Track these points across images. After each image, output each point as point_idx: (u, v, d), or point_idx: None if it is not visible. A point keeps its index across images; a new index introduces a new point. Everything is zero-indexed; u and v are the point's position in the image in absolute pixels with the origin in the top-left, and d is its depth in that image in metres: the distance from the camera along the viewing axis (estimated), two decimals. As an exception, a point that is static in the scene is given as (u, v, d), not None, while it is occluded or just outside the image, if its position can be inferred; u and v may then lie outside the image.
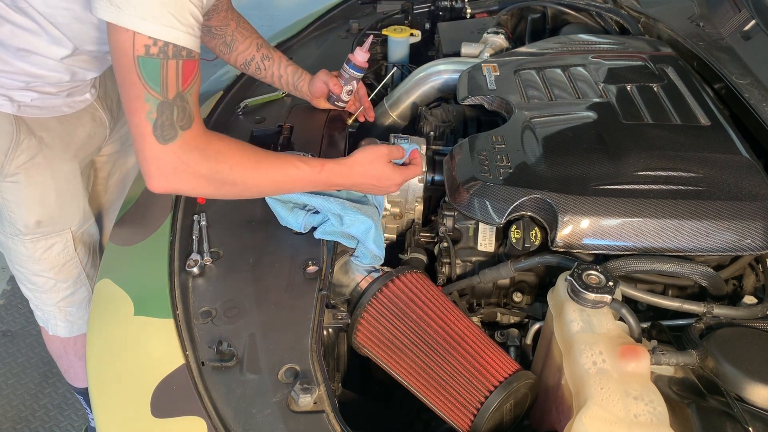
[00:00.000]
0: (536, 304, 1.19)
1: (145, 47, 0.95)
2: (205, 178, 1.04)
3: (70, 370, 1.73)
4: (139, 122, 0.99)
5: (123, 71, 0.98)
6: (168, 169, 1.01)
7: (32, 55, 1.20)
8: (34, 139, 1.31)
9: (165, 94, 0.98)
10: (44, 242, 1.43)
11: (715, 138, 1.19)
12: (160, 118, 0.98)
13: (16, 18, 1.15)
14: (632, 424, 0.81)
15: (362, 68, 1.42)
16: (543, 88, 1.38)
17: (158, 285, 1.09)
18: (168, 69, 0.97)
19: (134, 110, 0.99)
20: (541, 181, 1.12)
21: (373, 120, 1.57)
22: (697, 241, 1.05)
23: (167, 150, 1.00)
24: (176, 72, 0.98)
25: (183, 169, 1.01)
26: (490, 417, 0.94)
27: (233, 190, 1.08)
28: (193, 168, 1.02)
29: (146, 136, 0.99)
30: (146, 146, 1.00)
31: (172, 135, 0.99)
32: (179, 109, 1.00)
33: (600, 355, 0.87)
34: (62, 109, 1.34)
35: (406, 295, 1.07)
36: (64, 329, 1.59)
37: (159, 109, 0.98)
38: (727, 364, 0.90)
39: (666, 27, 1.68)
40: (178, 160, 1.00)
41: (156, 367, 0.97)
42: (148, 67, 0.96)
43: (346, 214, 1.14)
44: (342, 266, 1.17)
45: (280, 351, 0.97)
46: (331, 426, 0.88)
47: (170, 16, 0.95)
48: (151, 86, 0.97)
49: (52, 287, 1.51)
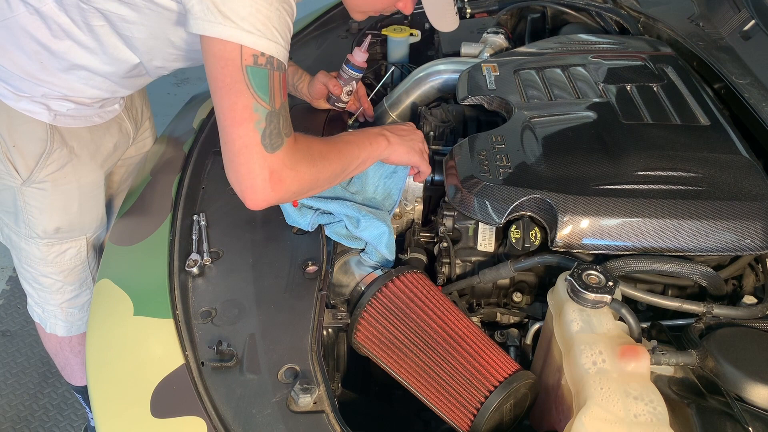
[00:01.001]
0: (536, 304, 1.19)
1: (253, 57, 0.95)
2: (307, 177, 1.05)
3: (66, 367, 1.73)
4: (244, 133, 0.97)
5: (227, 82, 0.97)
6: (276, 177, 1.00)
7: (81, 70, 1.21)
8: (65, 149, 1.32)
9: (273, 103, 0.98)
10: (59, 247, 1.44)
11: (715, 138, 1.19)
12: (269, 128, 0.98)
13: (78, 35, 1.15)
14: (632, 424, 0.81)
15: (361, 68, 1.42)
16: (543, 88, 1.38)
17: (158, 285, 1.09)
18: (274, 80, 0.98)
19: (239, 121, 0.97)
20: (541, 181, 1.12)
21: (373, 120, 1.57)
22: (697, 241, 1.05)
23: (275, 158, 0.99)
24: (279, 84, 0.99)
25: (288, 175, 1.01)
26: (490, 417, 0.94)
27: (327, 178, 1.10)
28: (296, 170, 1.02)
29: (253, 146, 0.98)
30: (252, 157, 0.98)
31: (278, 143, 0.99)
32: (284, 119, 1.01)
33: (600, 355, 0.87)
34: (93, 119, 1.35)
35: (405, 295, 1.07)
36: (62, 329, 1.60)
37: (268, 118, 0.98)
38: (727, 364, 0.90)
39: (666, 27, 1.68)
40: (285, 166, 1.00)
41: (156, 367, 0.97)
42: (257, 76, 0.96)
43: (363, 217, 1.15)
44: (342, 266, 1.17)
45: (279, 351, 0.97)
46: (330, 426, 0.88)
47: (275, 31, 0.96)
48: (260, 96, 0.97)
49: (59, 289, 1.51)
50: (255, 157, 0.98)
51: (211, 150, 1.40)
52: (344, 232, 1.17)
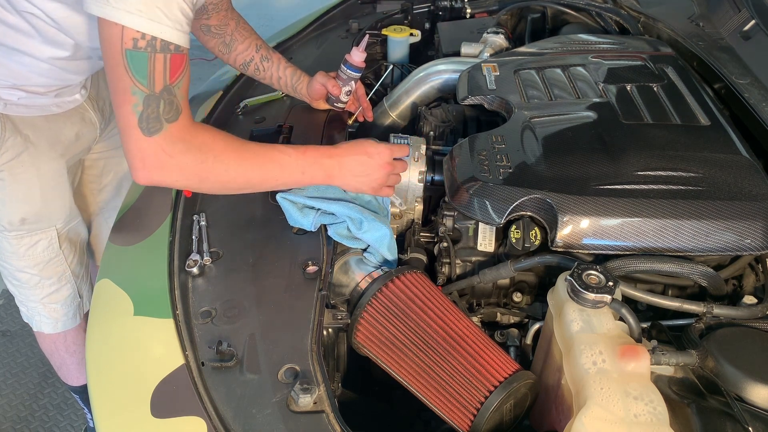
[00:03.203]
0: (536, 304, 1.19)
1: (133, 40, 0.95)
2: (190, 170, 1.03)
3: (62, 367, 1.73)
4: (125, 114, 0.99)
5: (111, 64, 0.98)
6: (152, 161, 1.01)
7: (22, 56, 1.20)
8: (19, 137, 1.31)
9: (152, 87, 0.98)
10: (29, 239, 1.43)
11: (715, 138, 1.19)
12: (146, 111, 0.98)
13: (10, 19, 1.15)
14: (632, 424, 0.81)
15: (359, 68, 1.42)
16: (543, 88, 1.38)
17: (158, 285, 1.09)
18: (155, 62, 0.98)
19: (121, 103, 0.99)
20: (541, 181, 1.12)
21: (372, 120, 1.57)
22: (697, 241, 1.05)
23: (152, 142, 1.00)
24: (164, 66, 0.98)
25: (167, 161, 1.01)
26: (490, 417, 0.94)
27: (219, 180, 1.07)
28: (177, 159, 1.02)
29: (132, 128, 0.99)
30: (131, 138, 1.00)
31: (157, 127, 0.99)
32: (166, 102, 1.00)
33: (600, 355, 0.87)
34: (50, 109, 1.34)
35: (405, 295, 1.07)
36: (48, 325, 1.60)
37: (145, 101, 0.98)
38: (727, 364, 0.90)
39: (666, 27, 1.68)
40: (162, 152, 1.00)
41: (156, 367, 0.97)
42: (135, 60, 0.96)
43: (365, 220, 1.15)
44: (342, 266, 1.17)
45: (280, 351, 0.97)
46: (330, 426, 0.88)
47: (158, 10, 0.95)
48: (138, 79, 0.97)
49: (37, 284, 1.51)
50: (132, 138, 1.00)
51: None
52: (346, 233, 1.17)
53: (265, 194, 1.26)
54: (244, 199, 1.26)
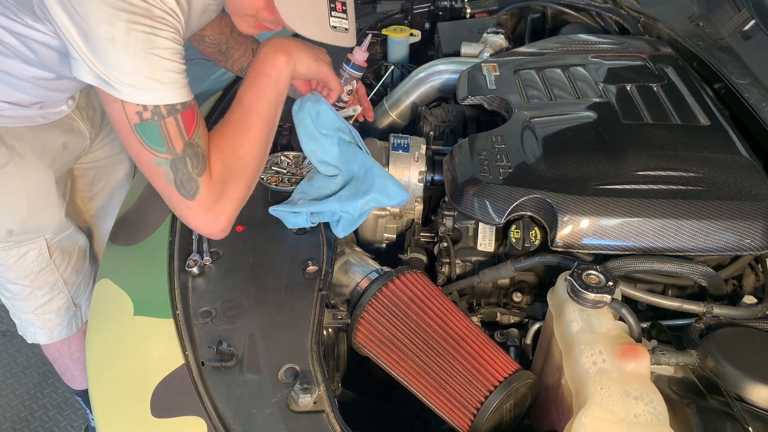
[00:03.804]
0: (536, 304, 1.19)
1: (137, 114, 0.94)
2: (238, 191, 1.06)
3: (66, 372, 1.72)
4: (162, 187, 1.00)
5: (126, 140, 0.97)
6: (211, 218, 1.03)
7: (1, 74, 1.18)
8: (4, 147, 1.28)
9: (173, 150, 0.97)
10: (17, 250, 1.40)
11: (715, 138, 1.19)
12: (178, 176, 0.98)
13: None
14: (632, 424, 0.81)
15: (362, 67, 1.42)
16: (543, 88, 1.38)
17: (158, 285, 1.09)
18: (168, 127, 0.96)
19: (153, 176, 1.00)
20: (541, 181, 1.12)
21: (372, 120, 1.57)
22: (697, 241, 1.05)
23: (198, 204, 1.01)
24: (177, 126, 0.97)
25: (218, 206, 1.03)
26: (490, 417, 0.94)
27: (256, 165, 1.09)
28: (224, 198, 1.03)
29: (176, 201, 1.00)
30: (181, 208, 1.02)
31: (194, 187, 1.00)
32: (192, 157, 0.99)
33: (600, 355, 0.87)
34: (36, 120, 1.31)
35: (405, 295, 1.07)
36: (43, 336, 1.57)
37: (173, 167, 0.97)
38: (727, 363, 0.90)
39: (666, 27, 1.68)
40: (211, 204, 1.02)
41: (156, 367, 0.97)
42: (147, 132, 0.95)
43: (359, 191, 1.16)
44: (342, 266, 1.17)
45: (280, 351, 0.97)
46: (330, 426, 0.88)
47: (149, 80, 0.93)
48: (156, 150, 0.96)
49: (29, 295, 1.48)
50: (183, 209, 1.02)
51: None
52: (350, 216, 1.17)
53: (265, 194, 1.26)
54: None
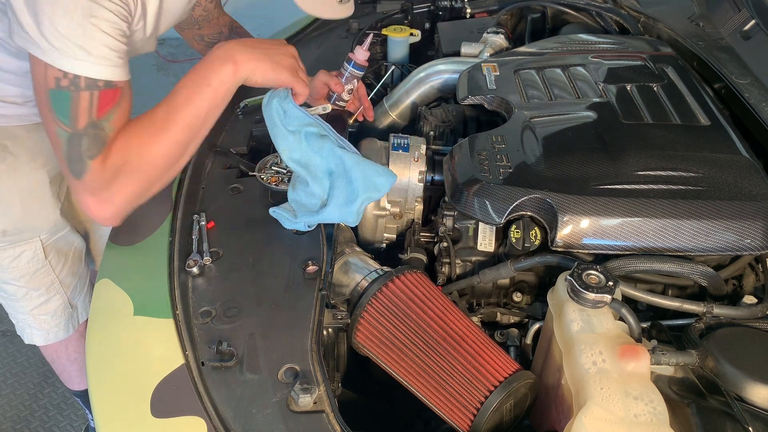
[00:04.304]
0: (536, 304, 1.19)
1: (55, 80, 0.92)
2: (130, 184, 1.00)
3: (63, 372, 1.72)
4: (59, 157, 0.95)
5: (39, 103, 0.94)
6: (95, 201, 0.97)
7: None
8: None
9: (74, 125, 0.94)
10: (11, 251, 1.39)
11: (715, 138, 1.19)
12: (69, 152, 0.94)
13: None
14: (632, 424, 0.81)
15: (363, 67, 1.42)
16: (543, 87, 1.38)
17: (158, 285, 1.09)
18: (80, 100, 0.93)
19: (53, 144, 0.95)
20: (541, 181, 1.12)
21: (372, 120, 1.57)
22: (697, 241, 1.05)
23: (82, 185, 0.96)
24: (90, 103, 0.94)
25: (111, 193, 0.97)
26: (490, 417, 0.94)
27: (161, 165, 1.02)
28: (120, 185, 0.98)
29: (66, 173, 0.95)
30: (70, 183, 0.96)
31: (81, 169, 0.95)
32: (90, 138, 0.95)
33: (600, 355, 0.87)
34: (30, 118, 1.29)
35: (406, 294, 1.07)
36: (39, 337, 1.57)
37: (68, 142, 0.94)
38: (727, 363, 0.90)
39: (666, 27, 1.68)
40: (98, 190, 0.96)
41: (156, 367, 0.97)
42: (58, 99, 0.93)
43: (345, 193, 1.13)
44: (342, 266, 1.17)
45: (280, 351, 0.97)
46: (331, 426, 0.88)
47: (78, 49, 0.91)
48: (61, 120, 0.93)
49: (24, 295, 1.48)
50: (71, 183, 0.97)
51: (212, 149, 1.40)
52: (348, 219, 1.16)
53: (266, 194, 1.26)
54: (244, 199, 1.26)
